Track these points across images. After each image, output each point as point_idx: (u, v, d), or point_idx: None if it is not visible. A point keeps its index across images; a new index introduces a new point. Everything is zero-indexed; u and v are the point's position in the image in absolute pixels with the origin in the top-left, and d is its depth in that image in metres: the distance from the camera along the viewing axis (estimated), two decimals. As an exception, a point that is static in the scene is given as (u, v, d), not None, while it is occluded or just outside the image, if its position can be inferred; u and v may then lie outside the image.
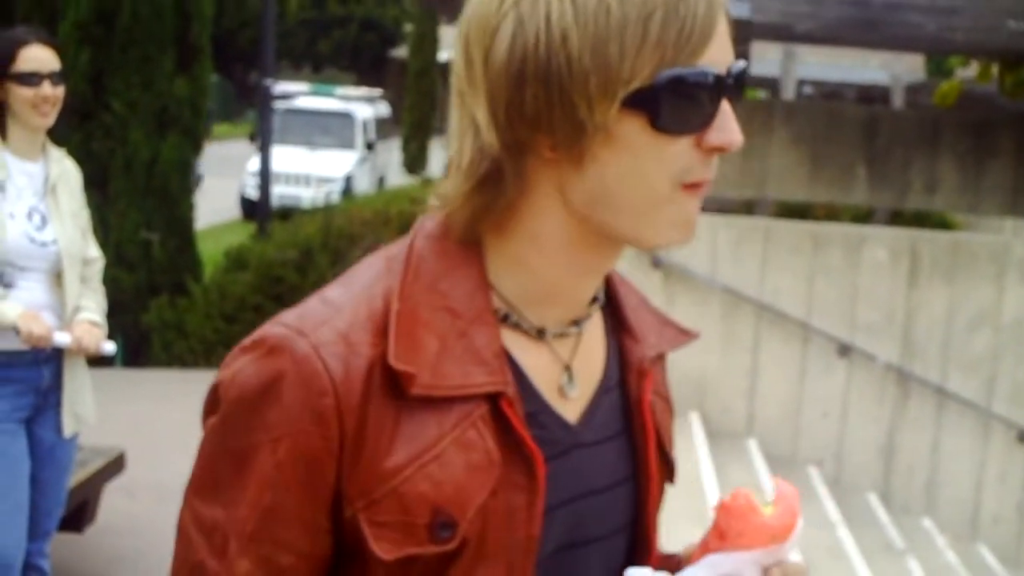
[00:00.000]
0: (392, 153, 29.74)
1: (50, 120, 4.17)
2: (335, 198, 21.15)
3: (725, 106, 1.26)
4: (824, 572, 7.53)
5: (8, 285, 4.08)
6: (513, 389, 1.31)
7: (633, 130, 1.23)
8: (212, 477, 1.31)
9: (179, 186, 12.11)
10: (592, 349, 1.44)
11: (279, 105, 24.07)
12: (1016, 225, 12.60)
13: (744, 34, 9.76)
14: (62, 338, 4.16)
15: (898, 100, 17.90)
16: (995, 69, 8.58)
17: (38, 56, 4.12)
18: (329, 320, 1.29)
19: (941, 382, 9.77)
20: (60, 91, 4.16)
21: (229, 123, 43.34)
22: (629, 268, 9.43)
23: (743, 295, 9.52)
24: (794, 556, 1.38)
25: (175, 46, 11.68)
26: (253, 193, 21.22)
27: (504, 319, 1.35)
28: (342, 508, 1.28)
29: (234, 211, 23.72)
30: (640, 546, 1.49)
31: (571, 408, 1.39)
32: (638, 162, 1.25)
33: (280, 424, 1.25)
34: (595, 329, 1.46)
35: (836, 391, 9.73)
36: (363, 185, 24.84)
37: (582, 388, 1.41)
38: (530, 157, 1.28)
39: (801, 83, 19.33)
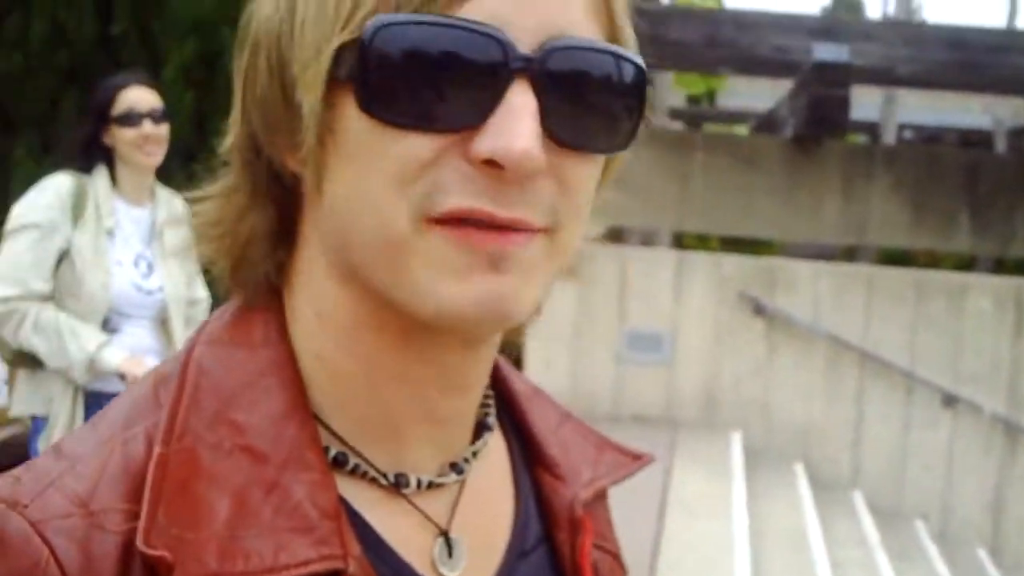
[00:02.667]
0: None
1: (156, 159, 4.17)
2: None
3: (514, 97, 0.80)
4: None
5: (113, 331, 4.06)
6: (362, 565, 0.88)
7: (355, 121, 0.83)
8: None
9: None
10: (490, 500, 1.02)
11: None
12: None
13: (844, 78, 9.67)
14: None
15: (1001, 144, 17.73)
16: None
17: (137, 97, 4.13)
18: (59, 479, 0.85)
19: (1050, 434, 9.54)
20: (163, 129, 4.15)
21: None
22: (731, 316, 9.34)
23: (846, 343, 9.38)
24: None
25: None
26: None
27: (339, 463, 0.92)
28: None
29: None
30: None
31: None
32: (364, 176, 0.83)
33: None
34: (494, 470, 1.04)
35: (941, 443, 9.54)
36: None
37: (478, 559, 0.98)
38: (281, 180, 0.91)
39: (901, 127, 19.16)
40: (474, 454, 0.99)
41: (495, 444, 1.04)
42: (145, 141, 4.09)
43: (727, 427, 9.35)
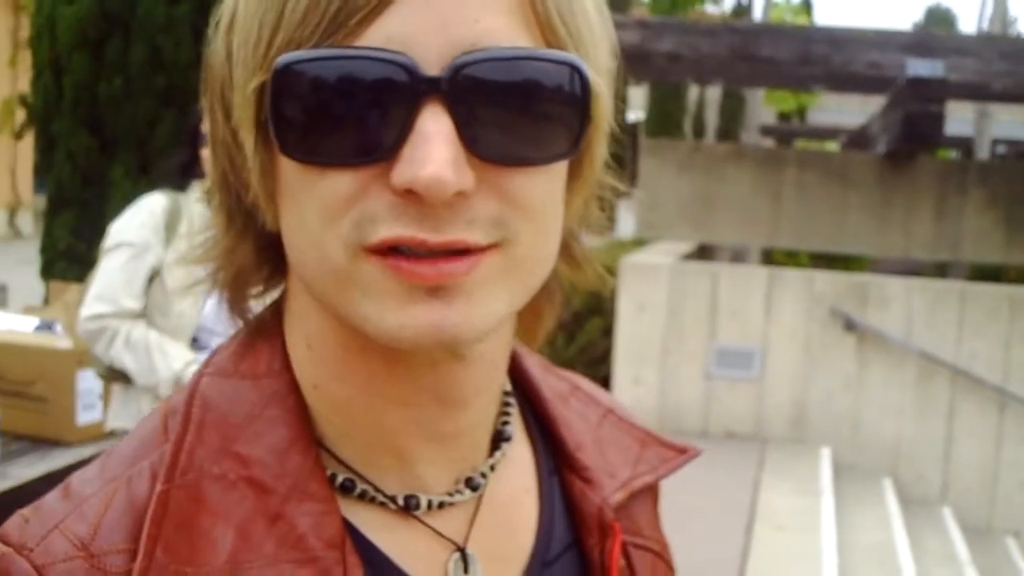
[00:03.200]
0: None
1: None
2: None
3: (425, 121, 0.78)
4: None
5: (203, 349, 4.11)
6: None
7: (284, 160, 0.83)
8: None
9: None
10: (511, 512, 1.00)
11: None
12: None
13: (939, 93, 9.65)
14: None
15: None
16: None
17: None
18: (64, 521, 0.86)
19: None
20: None
21: None
22: (822, 332, 9.35)
23: (938, 360, 9.33)
24: None
25: None
26: None
27: (345, 489, 0.92)
28: None
29: None
30: None
31: None
32: (301, 212, 0.83)
33: None
34: (516, 480, 1.02)
35: (1034, 460, 9.46)
36: None
37: (497, 573, 0.97)
38: (250, 212, 0.91)
39: (995, 142, 19.00)
40: (491, 468, 0.98)
41: (518, 451, 1.03)
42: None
43: (816, 443, 9.34)
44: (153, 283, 4.06)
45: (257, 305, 0.99)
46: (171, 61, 8.31)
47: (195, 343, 4.10)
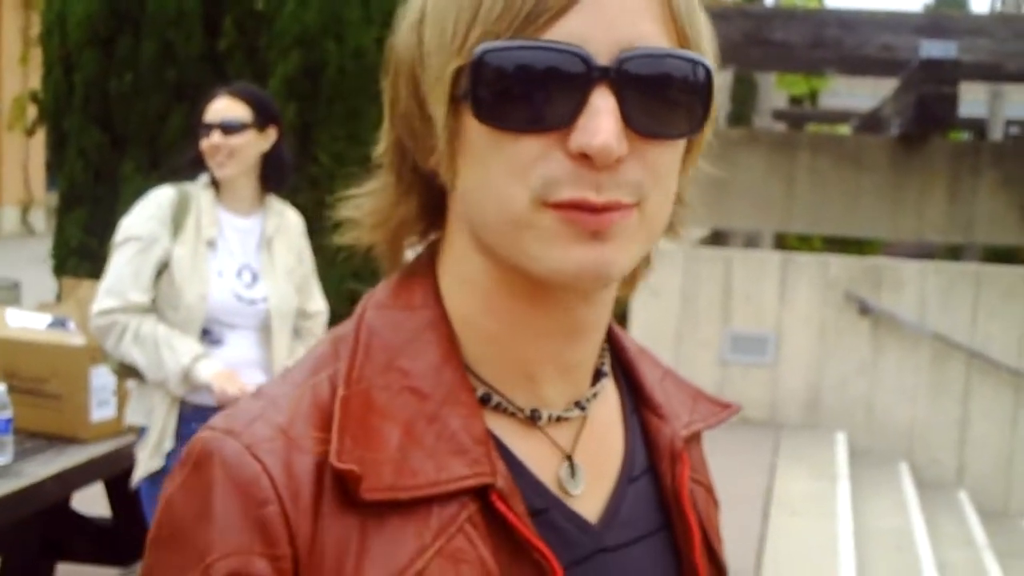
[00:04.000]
0: None
1: (227, 171, 4.12)
2: None
3: (596, 99, 0.97)
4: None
5: (216, 342, 4.09)
6: (507, 481, 1.06)
7: (474, 128, 1.01)
8: None
9: None
10: (605, 435, 1.19)
11: None
12: None
13: (952, 74, 9.61)
14: None
15: None
16: None
17: (217, 107, 4.13)
18: (263, 414, 1.05)
19: None
20: (234, 141, 4.11)
21: None
22: (836, 316, 9.34)
23: (953, 342, 9.32)
24: None
25: (380, 98, 11.74)
26: None
27: (485, 401, 1.10)
28: None
29: None
30: None
31: (587, 506, 1.14)
32: (486, 171, 1.01)
33: (214, 545, 0.99)
34: (609, 410, 1.21)
35: (1050, 441, 9.45)
36: None
37: (594, 482, 1.15)
38: (424, 176, 1.10)
39: (1008, 123, 18.93)
40: (594, 395, 1.17)
41: (609, 389, 1.22)
42: (213, 152, 4.09)
43: (831, 428, 9.34)
44: (161, 276, 4.04)
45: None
46: (182, 56, 8.35)
47: (206, 335, 4.08)
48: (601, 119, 0.96)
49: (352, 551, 1.00)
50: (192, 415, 4.05)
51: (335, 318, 7.39)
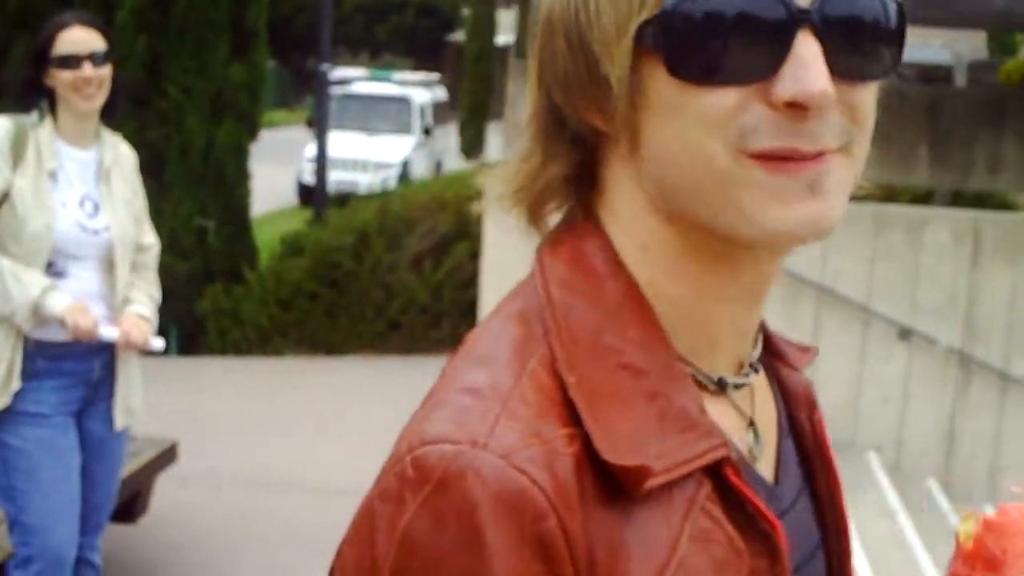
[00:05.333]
0: (449, 138, 28.94)
1: (95, 103, 4.07)
2: (392, 183, 20.78)
3: (801, 45, 0.92)
4: (888, 559, 7.46)
5: (60, 274, 4.00)
6: (736, 452, 1.03)
7: (664, 83, 0.95)
8: None
9: (235, 172, 12.01)
10: (764, 393, 1.16)
11: (336, 91, 23.80)
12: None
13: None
14: (109, 332, 4.06)
15: (961, 79, 17.45)
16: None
17: (77, 38, 4.03)
18: (500, 415, 0.93)
19: (1004, 365, 9.45)
20: (104, 72, 4.06)
21: (287, 110, 43.29)
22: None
23: (804, 279, 9.43)
24: None
25: (231, 32, 11.58)
26: (310, 179, 20.40)
27: None
28: None
29: (292, 198, 23.45)
30: None
31: (766, 469, 1.12)
32: (680, 125, 0.95)
33: (495, 574, 0.89)
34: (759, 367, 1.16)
35: (897, 375, 9.51)
36: (420, 170, 24.37)
37: (766, 444, 1.13)
38: (578, 138, 1.05)
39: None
40: (757, 357, 1.14)
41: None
42: (84, 84, 4.00)
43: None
44: (3, 208, 3.95)
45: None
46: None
47: (49, 268, 3.99)
48: (814, 65, 0.92)
49: (616, 553, 0.93)
50: (36, 351, 4.00)
51: (181, 253, 8.18)
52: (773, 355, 1.19)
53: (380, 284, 12.24)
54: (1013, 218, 10.66)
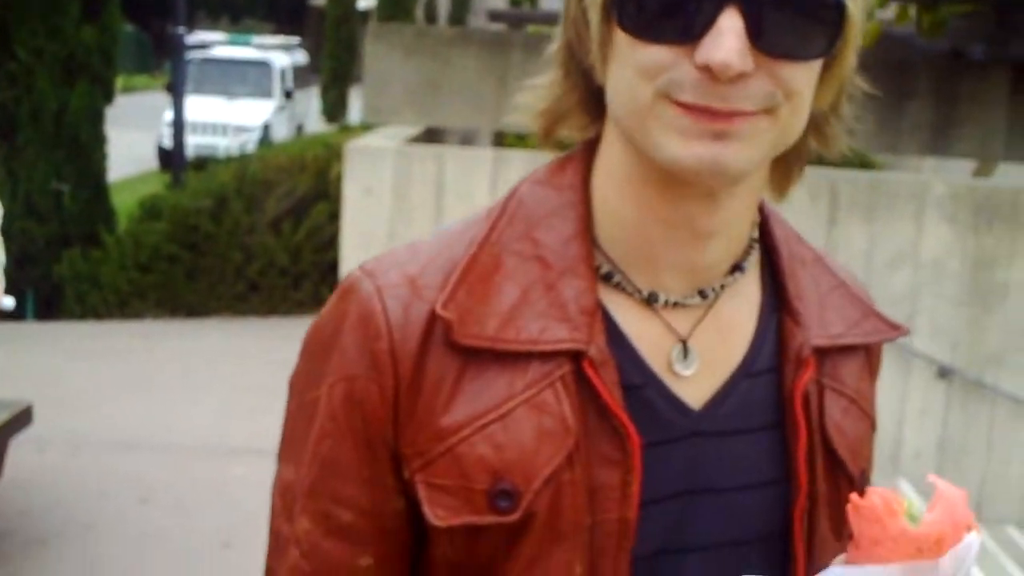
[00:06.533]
0: (311, 101, 28.98)
1: None
2: (252, 147, 20.65)
3: (723, 19, 1.05)
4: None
5: None
6: (601, 351, 1.16)
7: (619, 36, 1.12)
8: (289, 434, 1.25)
9: (90, 135, 11.93)
10: (730, 328, 1.25)
11: (195, 55, 23.86)
12: (935, 164, 12.54)
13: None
14: None
15: None
16: (913, 10, 8.44)
17: None
18: (404, 263, 1.21)
19: (859, 320, 9.42)
20: None
21: (148, 75, 42.95)
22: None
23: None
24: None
25: None
26: (169, 143, 19.67)
27: (606, 278, 1.21)
28: (402, 468, 1.18)
29: (152, 163, 23.22)
30: (780, 563, 1.26)
31: (693, 392, 1.22)
32: (624, 70, 1.12)
33: (337, 368, 1.19)
34: (742, 306, 1.27)
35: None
36: (281, 134, 24.38)
37: (707, 370, 1.23)
38: (589, 75, 1.21)
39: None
40: (722, 287, 1.24)
41: (751, 288, 1.28)
42: None
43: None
44: None
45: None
46: None
47: None
48: (724, 37, 1.04)
49: (446, 389, 1.15)
50: None
51: (38, 217, 8.45)
52: (783, 310, 1.28)
53: (239, 246, 12.20)
54: (869, 177, 10.76)
